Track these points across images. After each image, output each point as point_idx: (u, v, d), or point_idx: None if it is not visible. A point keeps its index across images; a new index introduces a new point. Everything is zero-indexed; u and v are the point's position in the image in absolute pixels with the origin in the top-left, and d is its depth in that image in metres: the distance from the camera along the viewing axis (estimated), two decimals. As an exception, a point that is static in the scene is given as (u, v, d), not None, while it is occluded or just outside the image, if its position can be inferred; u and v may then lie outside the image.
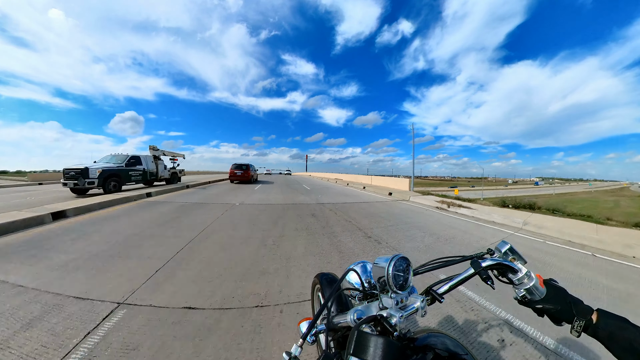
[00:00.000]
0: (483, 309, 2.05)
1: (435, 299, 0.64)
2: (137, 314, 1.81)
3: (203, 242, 3.58)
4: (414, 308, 0.58)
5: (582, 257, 3.56)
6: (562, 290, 0.60)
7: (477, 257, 0.74)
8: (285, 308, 1.96)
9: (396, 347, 0.45)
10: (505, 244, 0.72)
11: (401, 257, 0.61)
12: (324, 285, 1.19)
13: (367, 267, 0.85)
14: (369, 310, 0.64)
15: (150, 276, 2.40)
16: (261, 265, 2.78)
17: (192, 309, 1.88)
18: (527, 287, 0.62)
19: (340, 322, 0.67)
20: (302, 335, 0.57)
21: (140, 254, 3.04)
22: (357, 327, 0.51)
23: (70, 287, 2.15)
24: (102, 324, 1.67)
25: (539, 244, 4.11)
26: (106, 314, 1.79)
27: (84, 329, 1.63)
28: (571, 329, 0.54)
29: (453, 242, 4.02)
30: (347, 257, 3.12)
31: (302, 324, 0.82)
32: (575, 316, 0.54)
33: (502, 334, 1.76)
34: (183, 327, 1.69)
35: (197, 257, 2.99)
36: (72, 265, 2.65)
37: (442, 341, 0.57)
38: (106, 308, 1.86)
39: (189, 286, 2.24)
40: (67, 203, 6.03)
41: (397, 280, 0.59)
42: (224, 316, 1.82)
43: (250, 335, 1.64)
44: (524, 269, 0.64)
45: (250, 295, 2.14)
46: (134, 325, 1.68)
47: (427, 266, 0.75)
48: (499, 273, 0.68)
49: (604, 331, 0.50)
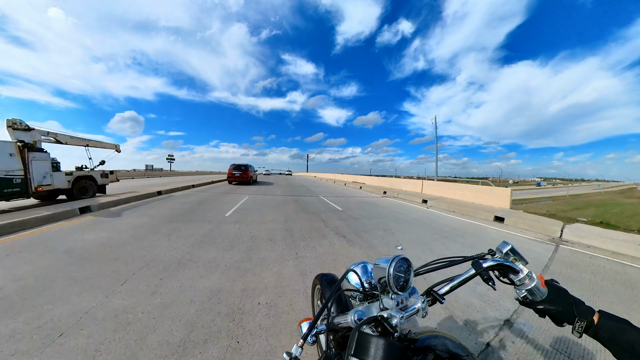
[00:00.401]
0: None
1: (436, 299, 0.64)
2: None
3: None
4: (414, 309, 0.58)
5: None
6: (563, 290, 0.60)
7: (478, 257, 0.73)
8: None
9: (397, 348, 0.45)
10: (507, 244, 0.71)
11: (402, 257, 0.61)
12: (324, 286, 1.18)
13: (367, 268, 0.85)
14: (369, 311, 0.63)
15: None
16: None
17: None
18: (529, 288, 0.61)
19: (340, 322, 0.67)
20: (302, 335, 0.57)
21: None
22: (358, 327, 0.51)
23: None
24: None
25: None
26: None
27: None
28: (572, 329, 0.54)
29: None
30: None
31: (302, 324, 0.82)
32: (577, 317, 0.54)
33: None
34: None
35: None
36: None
37: (443, 342, 0.57)
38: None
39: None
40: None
41: (398, 281, 0.59)
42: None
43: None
44: (525, 270, 0.64)
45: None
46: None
47: (428, 267, 0.75)
48: (500, 274, 0.68)
49: (605, 332, 0.50)
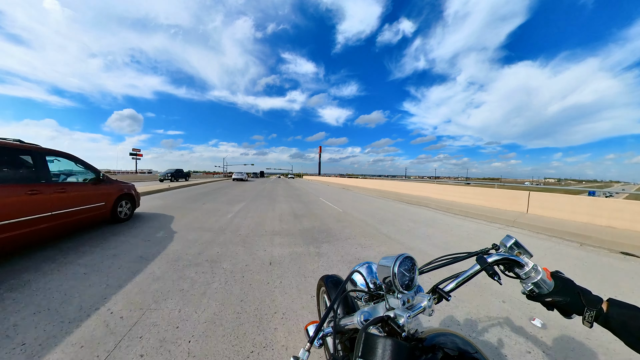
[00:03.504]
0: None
1: (442, 297, 0.63)
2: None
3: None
4: (421, 307, 0.57)
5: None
6: (569, 281, 0.59)
7: (482, 252, 0.72)
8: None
9: (405, 347, 0.44)
10: (510, 238, 0.71)
11: (406, 256, 0.60)
12: (329, 288, 1.18)
13: (372, 268, 0.84)
14: (375, 311, 0.63)
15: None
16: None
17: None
18: (535, 281, 0.61)
19: (347, 324, 0.66)
20: (309, 339, 0.57)
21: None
22: (365, 328, 0.50)
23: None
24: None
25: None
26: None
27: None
28: (583, 319, 0.53)
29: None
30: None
31: (309, 327, 0.82)
32: (585, 307, 0.53)
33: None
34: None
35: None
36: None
37: (452, 340, 0.57)
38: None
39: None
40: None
41: (403, 280, 0.59)
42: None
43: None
44: (531, 263, 0.63)
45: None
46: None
47: (433, 265, 0.74)
48: (506, 268, 0.67)
49: (616, 320, 0.49)
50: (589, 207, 5.60)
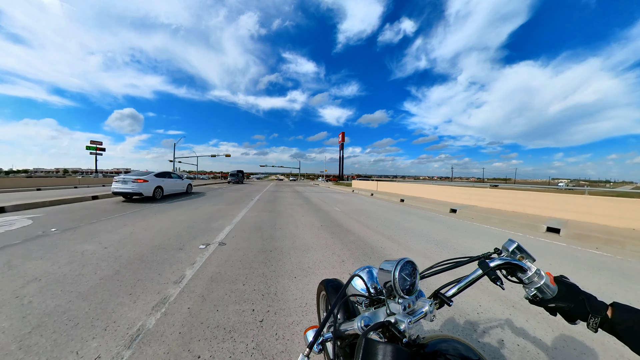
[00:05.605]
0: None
1: (444, 302, 0.62)
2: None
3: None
4: (422, 313, 0.56)
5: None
6: (574, 286, 0.58)
7: (484, 257, 0.71)
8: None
9: (406, 354, 0.43)
10: (513, 242, 0.69)
11: (407, 260, 0.60)
12: (329, 292, 1.16)
13: (372, 273, 0.83)
14: (376, 316, 0.62)
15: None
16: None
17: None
18: (538, 286, 0.59)
19: (347, 329, 0.65)
20: (308, 344, 0.56)
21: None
22: (365, 334, 0.49)
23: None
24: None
25: None
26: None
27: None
28: (587, 325, 0.52)
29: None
30: None
31: (308, 332, 0.80)
32: (590, 313, 0.52)
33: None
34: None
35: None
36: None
37: (454, 346, 0.55)
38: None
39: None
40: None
41: (404, 284, 0.58)
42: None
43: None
44: (534, 267, 0.62)
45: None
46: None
47: (434, 269, 0.73)
48: (508, 273, 0.66)
49: (621, 326, 0.48)
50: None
